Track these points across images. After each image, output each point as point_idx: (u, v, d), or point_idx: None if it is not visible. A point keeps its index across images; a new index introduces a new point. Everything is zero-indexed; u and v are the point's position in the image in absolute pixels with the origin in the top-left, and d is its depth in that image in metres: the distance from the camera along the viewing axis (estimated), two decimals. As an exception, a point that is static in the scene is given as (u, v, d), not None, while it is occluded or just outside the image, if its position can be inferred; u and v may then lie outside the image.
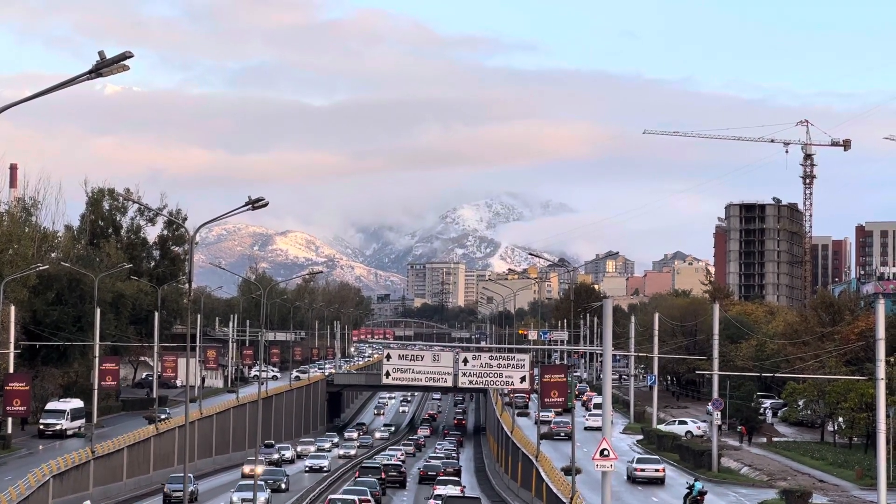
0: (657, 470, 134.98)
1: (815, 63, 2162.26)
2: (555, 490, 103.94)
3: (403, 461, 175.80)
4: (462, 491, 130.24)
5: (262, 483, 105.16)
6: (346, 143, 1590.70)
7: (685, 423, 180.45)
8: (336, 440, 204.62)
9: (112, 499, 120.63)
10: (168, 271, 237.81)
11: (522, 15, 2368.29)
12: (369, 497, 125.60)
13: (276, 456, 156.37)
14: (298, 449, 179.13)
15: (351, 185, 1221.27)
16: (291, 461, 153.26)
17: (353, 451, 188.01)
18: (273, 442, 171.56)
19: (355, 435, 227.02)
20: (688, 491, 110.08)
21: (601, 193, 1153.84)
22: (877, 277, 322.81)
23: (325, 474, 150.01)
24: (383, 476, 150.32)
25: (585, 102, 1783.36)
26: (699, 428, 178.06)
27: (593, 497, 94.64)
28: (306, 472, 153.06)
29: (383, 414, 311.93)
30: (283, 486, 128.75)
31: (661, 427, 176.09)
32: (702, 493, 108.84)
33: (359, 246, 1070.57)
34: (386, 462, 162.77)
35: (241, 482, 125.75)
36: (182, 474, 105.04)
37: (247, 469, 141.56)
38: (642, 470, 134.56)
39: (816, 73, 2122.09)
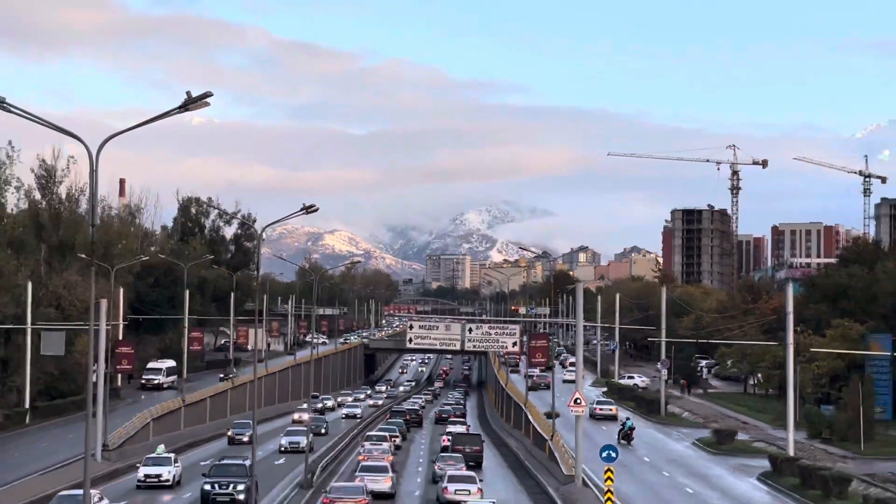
0: (610, 409, 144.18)
1: (742, 99, 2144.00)
2: (539, 429, 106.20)
3: (423, 407, 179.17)
4: (467, 429, 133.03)
5: (306, 428, 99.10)
6: (378, 162, 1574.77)
7: (633, 377, 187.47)
8: (369, 392, 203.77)
9: (198, 437, 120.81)
10: (241, 261, 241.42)
11: (514, 64, 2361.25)
12: (398, 433, 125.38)
13: (319, 405, 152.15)
14: (339, 399, 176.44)
15: (382, 194, 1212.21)
16: (332, 409, 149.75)
17: (380, 401, 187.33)
18: (318, 394, 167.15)
19: (384, 388, 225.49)
20: (621, 426, 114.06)
21: (575, 201, 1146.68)
22: (787, 266, 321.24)
23: (358, 420, 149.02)
24: (408, 418, 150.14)
25: (562, 131, 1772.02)
26: (643, 381, 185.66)
27: (568, 434, 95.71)
28: (343, 418, 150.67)
29: (406, 372, 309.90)
30: (324, 430, 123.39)
31: (620, 381, 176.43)
32: (631, 429, 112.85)
33: (388, 242, 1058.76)
34: (409, 408, 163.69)
35: (289, 427, 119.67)
36: (244, 421, 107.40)
37: (296, 416, 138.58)
38: (600, 409, 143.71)
39: (742, 107, 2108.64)
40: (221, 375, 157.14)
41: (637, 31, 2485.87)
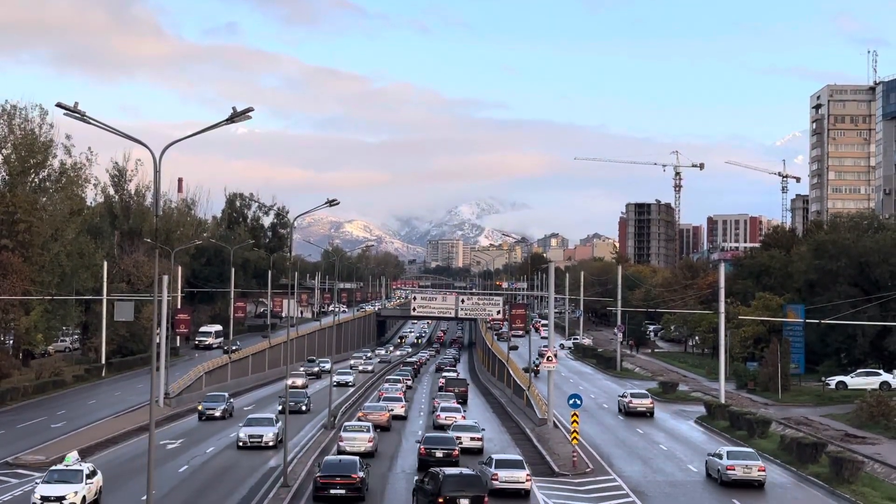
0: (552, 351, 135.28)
1: (684, 113, 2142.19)
2: (518, 382, 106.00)
3: (426, 361, 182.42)
4: (457, 375, 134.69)
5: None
6: (387, 165, 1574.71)
7: (588, 338, 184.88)
8: (381, 351, 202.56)
9: (242, 387, 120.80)
10: (276, 245, 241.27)
11: (497, 85, 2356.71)
12: (409, 377, 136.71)
13: (315, 369, 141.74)
14: (352, 360, 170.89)
15: (391, 191, 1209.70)
16: (329, 372, 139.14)
17: (389, 357, 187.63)
18: (314, 357, 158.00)
19: (392, 347, 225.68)
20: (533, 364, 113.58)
21: (548, 196, 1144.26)
22: (720, 250, 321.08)
23: (370, 374, 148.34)
24: (415, 367, 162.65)
25: (537, 140, 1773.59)
26: (590, 340, 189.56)
27: (541, 385, 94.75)
28: (335, 386, 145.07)
29: (411, 334, 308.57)
30: (304, 408, 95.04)
31: (580, 342, 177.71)
32: (536, 364, 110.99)
33: (396, 229, 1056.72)
34: (416, 360, 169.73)
35: (250, 416, 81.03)
36: (217, 394, 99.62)
37: (289, 381, 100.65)
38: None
39: (684, 119, 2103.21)
40: (225, 349, 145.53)
41: (598, 59, 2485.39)
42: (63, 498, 42.47)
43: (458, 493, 45.23)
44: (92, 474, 47.77)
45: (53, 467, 47.35)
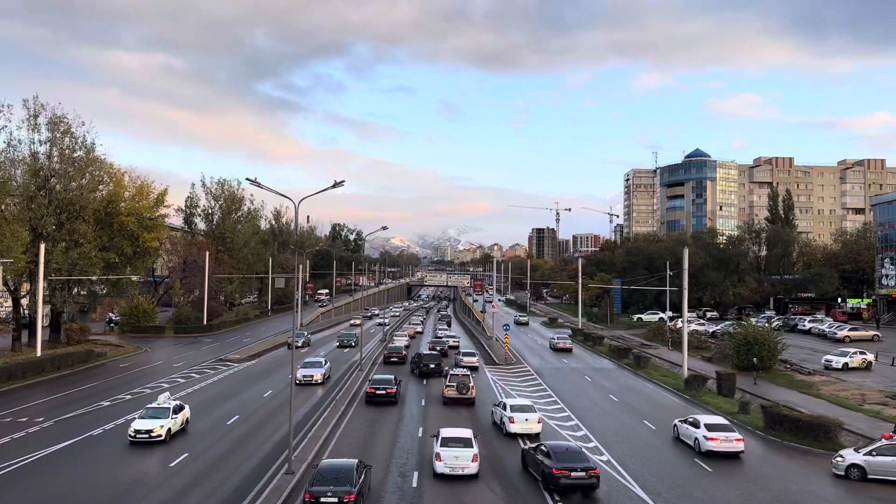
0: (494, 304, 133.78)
1: (561, 181, 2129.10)
2: (478, 317, 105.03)
3: (431, 307, 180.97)
4: (447, 313, 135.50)
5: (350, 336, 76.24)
6: (413, 210, 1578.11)
7: (512, 296, 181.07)
8: (409, 303, 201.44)
9: (337, 321, 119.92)
10: (355, 248, 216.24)
11: (468, 167, 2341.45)
12: (424, 314, 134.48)
13: (369, 314, 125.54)
14: (394, 306, 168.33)
15: (415, 222, 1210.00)
16: (378, 315, 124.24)
17: (413, 306, 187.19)
18: (368, 308, 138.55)
19: (414, 301, 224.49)
20: (516, 320, 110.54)
21: (494, 224, 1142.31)
22: (579, 252, 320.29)
23: (405, 313, 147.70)
24: (427, 310, 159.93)
25: (489, 195, 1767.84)
26: (514, 297, 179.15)
27: (489, 319, 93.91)
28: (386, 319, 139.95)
29: (422, 295, 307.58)
30: (353, 342, 73.80)
31: (510, 298, 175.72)
32: (523, 323, 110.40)
33: (417, 241, 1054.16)
34: (427, 306, 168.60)
35: (306, 360, 53.52)
36: (299, 332, 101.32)
37: (352, 321, 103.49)
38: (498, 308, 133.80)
39: (562, 182, 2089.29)
40: (318, 303, 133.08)
41: (516, 153, 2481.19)
42: (151, 431, 30.57)
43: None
44: (179, 409, 33.43)
45: (148, 405, 33.23)
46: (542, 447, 26.69)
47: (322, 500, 21.68)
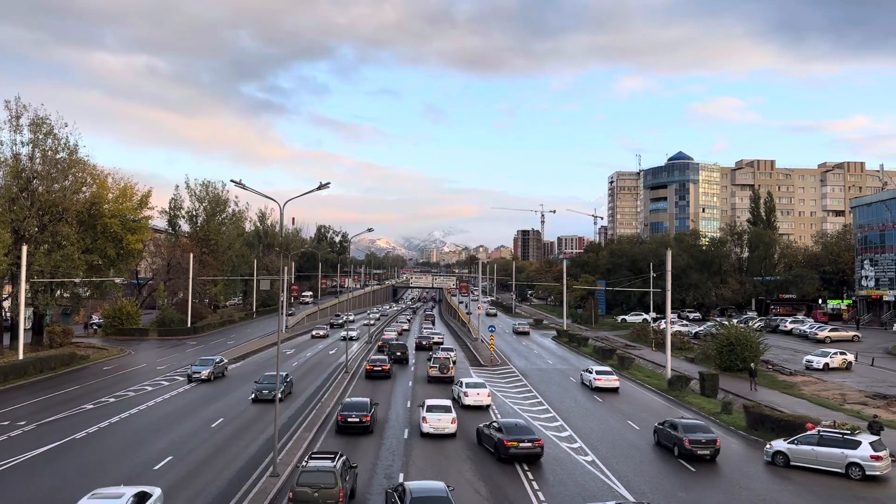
0: (494, 310, 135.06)
1: (547, 184, 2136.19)
2: (463, 318, 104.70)
3: (417, 308, 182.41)
4: (432, 314, 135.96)
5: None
6: (399, 212, 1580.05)
7: (498, 297, 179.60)
8: (394, 305, 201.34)
9: (317, 322, 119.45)
10: (341, 250, 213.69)
11: (452, 170, 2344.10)
12: (410, 314, 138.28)
13: (341, 320, 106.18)
14: (378, 310, 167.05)
15: (401, 224, 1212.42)
16: (353, 321, 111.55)
17: (398, 307, 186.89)
18: (340, 313, 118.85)
19: (400, 303, 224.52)
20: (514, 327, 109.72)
21: (479, 226, 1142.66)
22: (563, 253, 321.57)
23: (389, 314, 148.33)
24: (413, 310, 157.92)
25: (474, 197, 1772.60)
26: (499, 298, 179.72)
27: (475, 320, 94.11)
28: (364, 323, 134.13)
29: (410, 295, 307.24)
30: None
31: (494, 299, 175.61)
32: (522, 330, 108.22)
33: (403, 243, 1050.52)
34: (414, 307, 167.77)
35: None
36: (207, 358, 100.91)
37: (314, 332, 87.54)
38: (489, 310, 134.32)
39: (546, 186, 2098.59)
40: (288, 313, 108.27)
41: (503, 157, 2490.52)
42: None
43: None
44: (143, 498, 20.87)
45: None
46: (495, 424, 30.61)
47: (349, 420, 33.45)
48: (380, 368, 51.97)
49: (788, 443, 29.67)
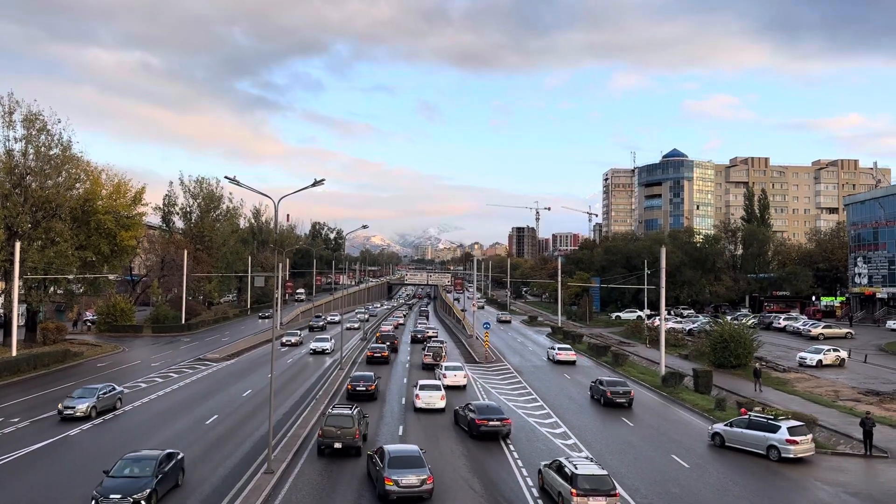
0: (475, 302, 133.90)
1: (540, 181, 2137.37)
2: (458, 315, 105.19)
3: (413, 304, 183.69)
4: (427, 310, 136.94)
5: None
6: (393, 208, 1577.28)
7: (493, 294, 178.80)
8: (389, 302, 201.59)
9: (310, 317, 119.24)
10: (336, 247, 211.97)
11: (448, 166, 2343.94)
12: (406, 310, 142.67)
13: (321, 322, 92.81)
14: (372, 306, 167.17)
15: (396, 221, 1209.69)
16: (335, 323, 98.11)
17: (394, 304, 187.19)
18: (321, 314, 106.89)
19: (395, 299, 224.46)
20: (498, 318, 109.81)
21: (475, 223, 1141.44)
22: (559, 250, 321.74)
23: (386, 310, 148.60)
24: (409, 306, 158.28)
25: (470, 193, 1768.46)
26: (494, 295, 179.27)
27: (470, 318, 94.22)
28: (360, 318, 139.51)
29: (403, 294, 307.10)
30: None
31: (489, 296, 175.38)
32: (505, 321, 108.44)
33: (397, 240, 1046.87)
34: (409, 303, 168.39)
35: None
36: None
37: (284, 339, 74.76)
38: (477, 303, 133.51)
39: (540, 184, 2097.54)
40: (261, 315, 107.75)
41: (500, 155, 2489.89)
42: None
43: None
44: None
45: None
46: (469, 406, 34.04)
47: (357, 388, 41.28)
48: (379, 355, 58.74)
49: (725, 425, 32.44)
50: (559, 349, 63.04)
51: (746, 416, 32.03)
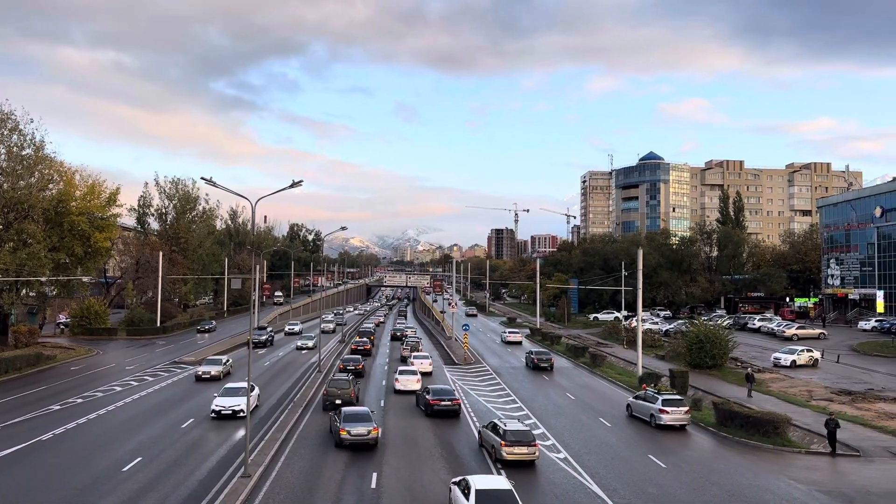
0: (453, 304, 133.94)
1: (517, 182, 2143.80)
2: (437, 317, 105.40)
3: (393, 306, 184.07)
4: (406, 311, 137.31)
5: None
6: (372, 210, 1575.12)
7: (471, 296, 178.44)
8: (366, 304, 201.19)
9: (288, 321, 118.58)
10: (314, 249, 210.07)
11: (425, 167, 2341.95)
12: (385, 311, 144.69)
13: (263, 337, 74.33)
14: (354, 308, 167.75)
15: (374, 223, 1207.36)
16: (299, 333, 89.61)
17: (374, 305, 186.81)
18: (266, 325, 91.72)
19: (374, 301, 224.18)
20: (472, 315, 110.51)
21: (453, 224, 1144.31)
22: (537, 252, 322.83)
23: (365, 312, 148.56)
24: (389, 307, 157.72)
25: (448, 195, 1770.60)
26: (472, 296, 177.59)
27: (449, 319, 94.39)
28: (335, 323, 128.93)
29: (382, 296, 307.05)
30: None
31: (468, 298, 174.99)
32: (443, 308, 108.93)
33: (376, 241, 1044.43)
34: (390, 304, 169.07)
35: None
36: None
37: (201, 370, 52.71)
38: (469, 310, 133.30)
39: (518, 185, 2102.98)
40: (198, 329, 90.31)
41: (478, 157, 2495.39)
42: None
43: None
44: None
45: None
46: (427, 389, 39.53)
47: (347, 367, 51.13)
48: (363, 348, 66.40)
49: (633, 398, 39.51)
50: (509, 332, 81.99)
51: (644, 391, 39.18)
